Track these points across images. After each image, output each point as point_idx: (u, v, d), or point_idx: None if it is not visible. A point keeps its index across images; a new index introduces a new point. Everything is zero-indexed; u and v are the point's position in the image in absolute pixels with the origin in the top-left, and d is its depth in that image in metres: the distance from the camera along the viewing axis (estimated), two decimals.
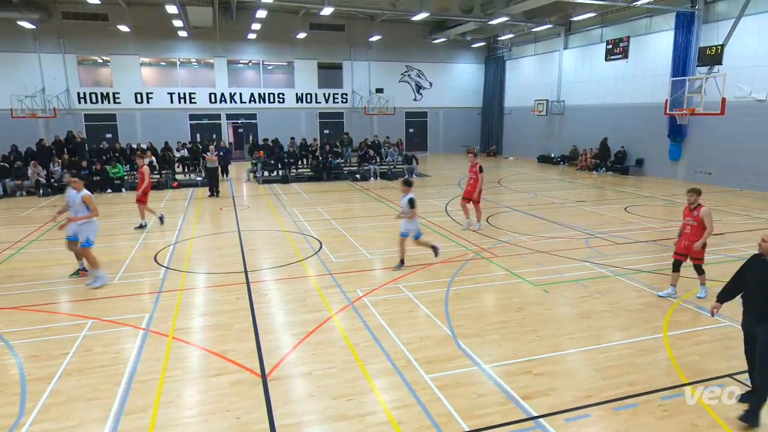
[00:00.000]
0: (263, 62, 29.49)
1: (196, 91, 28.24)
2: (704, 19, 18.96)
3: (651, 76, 21.27)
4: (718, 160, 18.99)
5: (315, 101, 30.22)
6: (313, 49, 29.35)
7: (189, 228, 12.74)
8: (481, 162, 12.84)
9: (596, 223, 12.83)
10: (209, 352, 6.09)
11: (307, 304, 7.58)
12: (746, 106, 17.60)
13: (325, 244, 10.90)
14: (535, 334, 6.53)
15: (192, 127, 28.30)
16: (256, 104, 29.22)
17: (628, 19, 22.48)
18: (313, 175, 21.64)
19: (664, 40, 20.53)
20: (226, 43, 27.75)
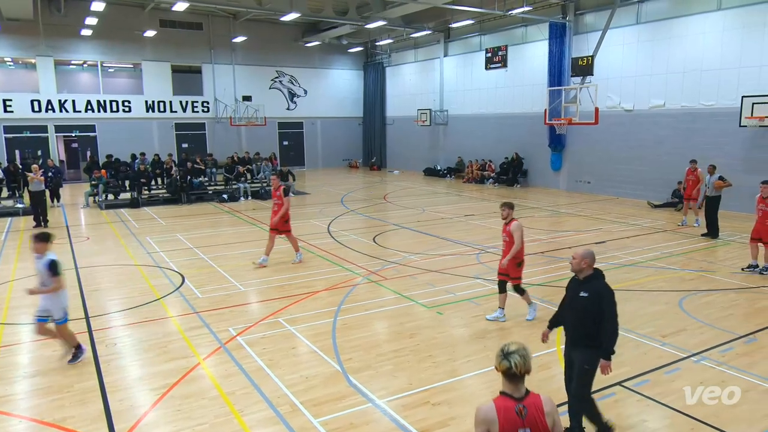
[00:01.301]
0: (102, 63, 27.56)
1: (12, 97, 25.46)
2: (575, 30, 21.48)
3: (530, 85, 23.49)
4: (596, 169, 21.44)
5: (170, 110, 28.81)
6: (165, 49, 28.05)
7: (7, 268, 11.33)
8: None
9: (486, 237, 13.72)
10: (40, 423, 5.42)
11: (169, 350, 7.11)
12: (617, 116, 20.16)
13: (189, 278, 10.35)
14: (431, 360, 6.76)
15: (8, 142, 25.37)
16: (95, 113, 27.09)
17: (505, 28, 24.69)
18: (170, 197, 20.51)
19: (540, 50, 22.85)
20: (52, 39, 25.43)
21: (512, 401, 2.97)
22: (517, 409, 2.95)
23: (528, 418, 2.95)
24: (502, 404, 2.97)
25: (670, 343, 7.14)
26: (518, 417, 2.94)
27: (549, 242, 13.23)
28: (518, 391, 2.99)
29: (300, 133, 33.22)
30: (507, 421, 2.93)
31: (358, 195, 22.35)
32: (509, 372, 2.98)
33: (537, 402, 3.00)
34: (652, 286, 9.69)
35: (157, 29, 27.09)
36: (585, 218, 16.46)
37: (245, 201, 21.00)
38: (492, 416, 2.94)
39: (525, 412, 2.95)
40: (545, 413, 2.99)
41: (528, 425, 2.95)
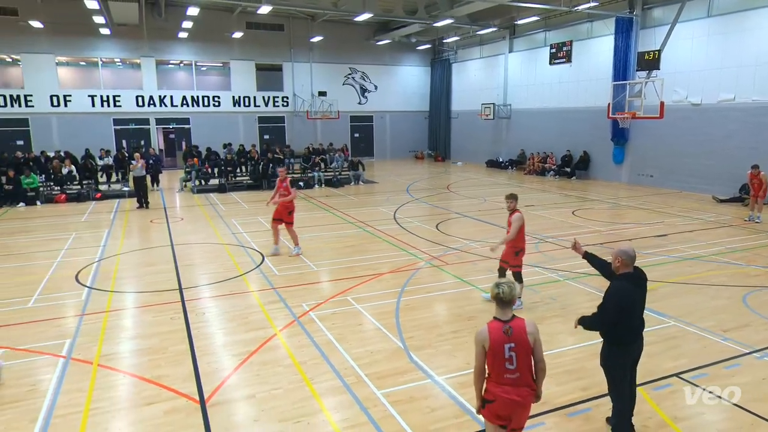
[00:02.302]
0: (196, 63, 28.77)
1: (121, 93, 27.10)
2: (642, 24, 20.24)
3: (594, 80, 22.42)
4: (659, 163, 20.24)
5: (254, 104, 29.75)
6: (250, 49, 28.92)
7: (115, 243, 12.16)
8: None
9: (545, 228, 13.32)
10: (140, 378, 5.82)
11: (249, 321, 7.41)
12: (683, 110, 18.89)
13: (268, 257, 10.70)
14: None
15: (117, 133, 27.11)
16: (189, 108, 28.41)
17: (570, 24, 23.63)
18: (252, 184, 21.25)
19: (605, 45, 21.72)
20: (154, 41, 26.84)
21: (500, 323, 3.68)
22: (504, 329, 3.65)
23: (513, 335, 3.65)
24: (493, 325, 3.68)
25: (732, 338, 6.68)
26: (504, 335, 3.64)
27: (608, 234, 12.66)
28: (505, 315, 3.70)
29: (370, 126, 33.39)
30: (496, 337, 3.64)
31: (423, 185, 22.26)
32: (498, 297, 3.67)
33: (521, 324, 3.70)
34: (715, 280, 9.08)
35: (243, 31, 27.97)
36: (646, 211, 15.62)
37: (319, 188, 21.41)
38: (485, 335, 3.67)
39: (510, 331, 3.65)
40: (527, 333, 3.68)
41: (513, 341, 3.64)
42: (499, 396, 3.72)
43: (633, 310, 4.37)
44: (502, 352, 3.64)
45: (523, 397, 3.72)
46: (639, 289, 4.42)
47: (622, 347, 4.45)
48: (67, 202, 18.08)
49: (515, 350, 3.65)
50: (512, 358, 3.65)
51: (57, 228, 13.94)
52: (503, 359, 3.65)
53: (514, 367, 3.68)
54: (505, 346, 3.63)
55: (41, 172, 19.29)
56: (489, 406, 3.79)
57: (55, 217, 15.55)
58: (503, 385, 3.70)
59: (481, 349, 3.70)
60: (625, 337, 4.43)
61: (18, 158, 19.84)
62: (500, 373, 3.69)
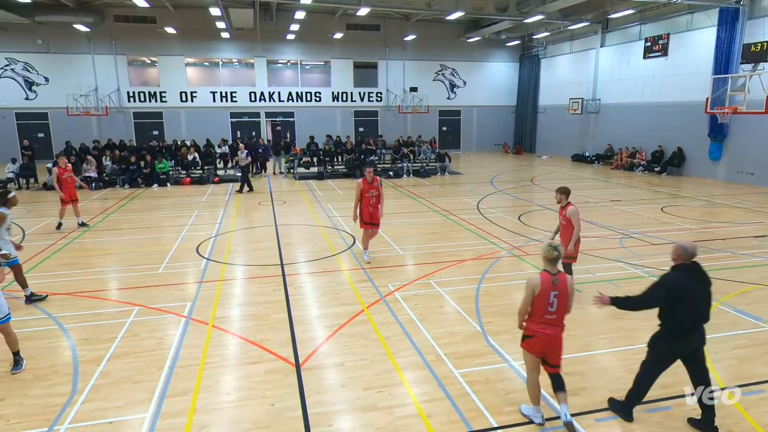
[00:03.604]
0: (301, 62, 29.79)
1: (237, 90, 28.80)
2: (749, 14, 18.04)
3: (691, 74, 20.42)
4: (761, 160, 18.08)
5: (350, 100, 30.35)
6: (349, 48, 29.46)
7: (228, 221, 13.03)
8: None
9: (631, 223, 12.44)
10: (246, 340, 6.23)
11: (340, 297, 7.65)
12: None
13: (358, 240, 10.93)
14: (566, 333, 6.32)
15: (233, 125, 28.89)
16: (294, 103, 29.58)
17: (668, 16, 21.63)
18: (347, 172, 21.75)
19: (705, 37, 19.66)
20: (266, 43, 28.19)
21: (550, 275, 4.36)
22: (553, 279, 4.35)
23: (558, 285, 4.35)
24: (545, 275, 4.36)
25: None
26: (552, 284, 4.33)
27: (700, 232, 11.57)
28: (554, 269, 4.38)
29: (457, 120, 32.86)
30: (546, 285, 4.32)
31: (507, 177, 21.61)
32: (555, 258, 4.34)
33: (564, 278, 4.39)
34: None
35: (343, 32, 28.53)
36: (744, 210, 14.05)
37: (407, 178, 21.46)
38: (537, 281, 4.34)
39: (557, 281, 4.35)
40: (568, 285, 4.38)
41: (557, 289, 4.34)
42: (538, 332, 4.41)
43: (682, 299, 4.29)
44: (547, 298, 4.33)
45: (556, 333, 4.44)
46: (694, 282, 4.33)
47: (673, 337, 4.39)
48: (191, 185, 19.66)
49: (558, 297, 4.34)
50: (554, 303, 4.35)
51: (182, 207, 15.19)
52: (547, 303, 4.34)
53: (554, 310, 4.37)
54: (551, 293, 4.32)
55: (171, 158, 21.09)
56: (528, 341, 4.48)
57: (181, 197, 16.95)
58: (542, 324, 4.40)
59: (531, 292, 4.35)
60: (677, 327, 4.36)
61: (153, 146, 21.86)
62: (542, 314, 4.38)
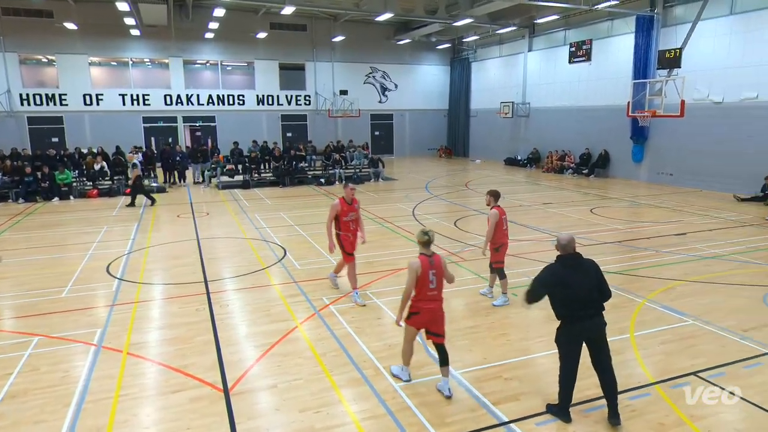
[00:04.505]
0: (222, 63, 29.05)
1: (150, 92, 27.53)
2: (663, 22, 19.79)
3: (613, 79, 22.02)
4: (679, 162, 19.81)
5: (277, 103, 29.95)
6: (274, 49, 29.10)
7: (143, 237, 12.38)
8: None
9: (563, 225, 13.16)
10: (167, 367, 5.93)
11: (271, 314, 7.49)
12: (704, 108, 18.44)
13: (289, 251, 10.79)
14: (505, 338, 6.64)
15: (146, 131, 27.56)
16: (215, 106, 28.74)
17: (590, 22, 23.24)
18: (275, 180, 21.41)
19: (625, 43, 21.31)
20: (181, 42, 27.20)
21: (427, 257, 5.22)
22: (429, 260, 5.20)
23: (435, 264, 5.22)
24: (423, 258, 5.20)
25: (751, 338, 6.53)
26: (429, 264, 5.19)
27: (626, 232, 12.46)
28: (429, 251, 5.27)
29: (390, 124, 33.35)
30: (425, 266, 5.16)
31: (442, 182, 22.17)
32: (428, 241, 5.25)
33: (438, 258, 5.28)
34: (735, 279, 8.87)
35: (267, 31, 28.14)
36: (665, 210, 15.32)
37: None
38: (418, 265, 5.15)
39: (433, 261, 5.22)
40: (442, 263, 5.29)
41: (434, 268, 5.20)
42: (423, 308, 5.23)
43: (560, 288, 4.68)
44: (427, 277, 5.17)
45: (438, 306, 5.29)
46: (570, 271, 4.69)
47: (566, 325, 4.77)
48: (98, 197, 18.48)
49: (436, 275, 5.22)
50: (433, 280, 5.21)
51: (89, 222, 14.26)
52: (428, 281, 5.18)
53: (434, 286, 5.23)
54: (430, 272, 5.17)
55: (75, 168, 19.72)
56: (414, 317, 5.28)
57: (87, 211, 15.90)
58: (425, 300, 5.22)
59: (414, 275, 5.13)
60: (565, 315, 4.74)
61: (51, 155, 20.32)
62: (425, 292, 5.20)
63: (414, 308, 5.26)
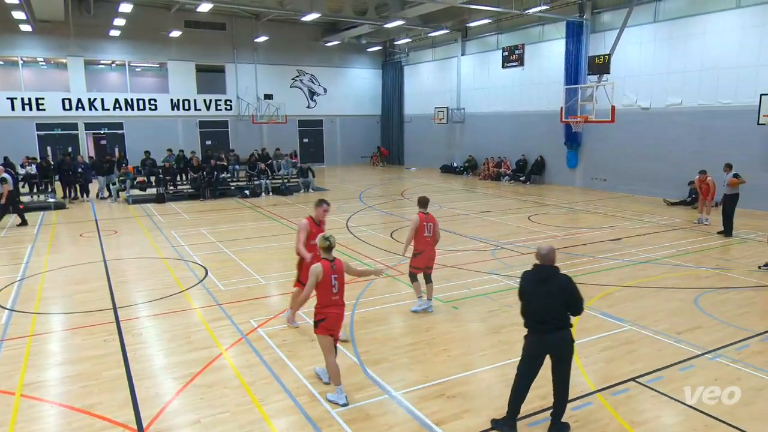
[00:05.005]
0: (130, 63, 27.91)
1: (45, 95, 25.92)
2: (592, 28, 21.17)
3: (546, 84, 23.22)
4: (612, 167, 21.14)
5: (194, 108, 29.12)
6: (190, 49, 28.31)
7: (39, 260, 11.56)
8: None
9: (502, 234, 13.63)
10: (70, 408, 5.53)
11: (192, 341, 7.20)
12: (633, 114, 19.84)
13: (212, 271, 10.46)
14: (446, 354, 6.75)
15: (41, 139, 25.85)
16: (123, 111, 27.50)
17: (522, 27, 24.43)
18: (194, 193, 20.73)
19: (556, 48, 22.56)
20: (82, 40, 25.84)
21: (329, 261, 5.45)
22: (331, 265, 5.45)
23: (336, 269, 5.48)
24: (325, 263, 5.43)
25: (685, 340, 7.03)
26: (331, 269, 5.44)
27: (564, 239, 13.09)
28: (330, 256, 5.51)
29: (320, 131, 33.30)
30: (327, 270, 5.40)
31: (376, 191, 22.35)
32: (329, 246, 5.49)
33: (340, 262, 5.56)
34: (668, 283, 9.55)
35: (182, 30, 27.36)
36: (601, 215, 16.26)
37: (266, 197, 21.12)
38: (320, 269, 5.38)
39: (335, 266, 5.47)
40: (344, 267, 5.60)
41: (336, 273, 5.47)
42: (329, 313, 5.47)
43: (523, 298, 4.96)
44: (330, 281, 5.41)
45: (341, 311, 5.60)
46: (536, 283, 4.87)
47: (527, 335, 4.99)
48: None
49: (338, 279, 5.48)
50: (336, 285, 5.46)
51: None
52: (330, 286, 5.43)
53: (337, 291, 5.48)
54: (332, 277, 5.42)
55: None
56: (322, 324, 5.47)
57: None
58: (330, 306, 5.45)
59: (315, 279, 5.37)
60: (528, 326, 4.97)
61: None
62: (329, 297, 5.45)
63: (320, 315, 5.49)
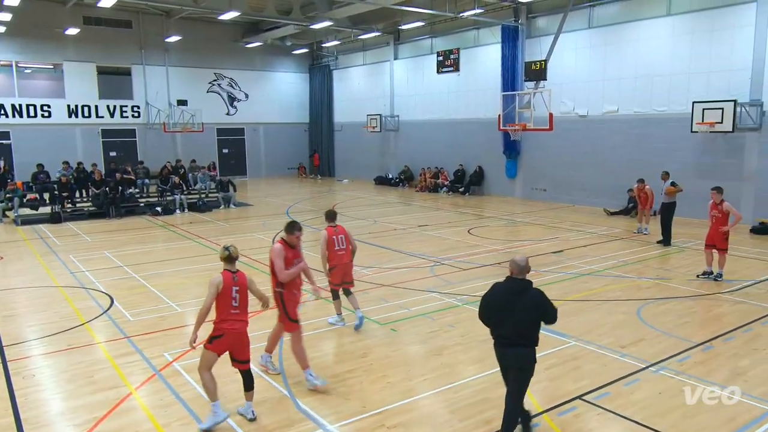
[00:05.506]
0: (18, 64, 26.47)
1: None
2: (528, 33, 22.16)
3: (483, 90, 24.01)
4: (551, 177, 22.10)
5: (96, 115, 27.93)
6: (90, 49, 27.22)
7: None
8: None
9: (441, 249, 13.88)
10: None
11: (96, 380, 6.83)
12: (571, 122, 20.87)
13: (118, 299, 9.99)
14: (385, 381, 6.75)
15: None
16: (9, 119, 25.97)
17: (456, 31, 25.21)
18: (96, 211, 19.80)
19: (493, 54, 23.43)
20: None
21: (231, 273, 5.60)
22: (233, 277, 5.58)
23: (238, 281, 5.60)
24: (226, 274, 5.57)
25: (629, 354, 7.40)
26: (233, 280, 5.56)
27: (505, 252, 13.50)
28: (233, 267, 5.67)
29: (241, 140, 32.79)
30: (227, 282, 5.51)
31: (305, 206, 22.20)
32: (229, 257, 5.65)
33: (242, 275, 5.68)
34: (611, 295, 10.04)
35: (80, 27, 26.24)
36: (542, 227, 16.91)
37: (181, 214, 20.52)
38: (219, 279, 5.49)
39: (237, 278, 5.60)
40: (248, 281, 5.69)
41: (238, 285, 5.58)
42: (227, 330, 5.49)
43: (488, 309, 5.22)
44: (230, 293, 5.48)
45: (242, 328, 5.62)
46: (505, 295, 5.10)
47: (495, 348, 5.25)
48: None
49: (239, 292, 5.56)
50: (237, 298, 5.54)
51: None
52: (231, 299, 5.49)
53: (238, 305, 5.55)
54: (232, 289, 5.51)
55: None
56: (217, 341, 5.53)
57: None
58: (229, 321, 5.49)
59: (215, 290, 5.42)
60: (494, 337, 5.23)
61: None
62: (228, 310, 5.49)
63: (217, 331, 5.50)
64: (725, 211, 10.49)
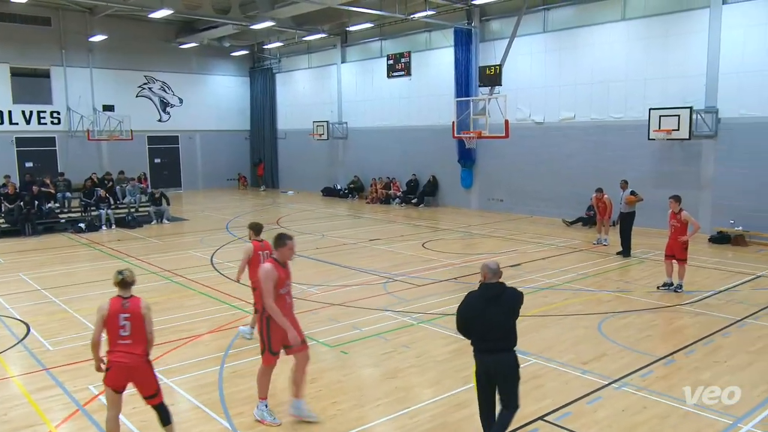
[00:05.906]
0: None
1: None
2: (481, 37, 22.68)
3: (436, 96, 24.35)
4: (508, 186, 22.57)
5: (9, 122, 26.92)
6: (2, 48, 26.36)
7: None
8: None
9: (394, 264, 13.94)
10: None
11: (10, 419, 6.52)
12: (528, 129, 21.41)
13: (35, 327, 9.59)
14: (336, 408, 6.69)
15: None
16: None
17: (407, 33, 25.56)
18: (9, 229, 19.01)
19: (446, 57, 23.83)
20: None
21: (121, 299, 5.35)
22: (123, 303, 5.32)
23: (129, 308, 5.30)
24: (114, 299, 5.35)
25: (591, 371, 7.58)
26: (122, 306, 5.30)
27: (461, 267, 13.66)
28: (127, 293, 5.40)
29: (175, 149, 32.18)
30: (114, 308, 5.28)
31: (247, 220, 21.84)
32: (123, 281, 5.38)
33: (137, 301, 5.39)
34: (571, 309, 10.28)
35: None
36: (499, 239, 17.22)
37: (107, 230, 19.93)
38: (105, 306, 5.30)
39: (127, 304, 5.32)
40: (141, 308, 5.36)
41: (128, 312, 5.29)
42: (114, 363, 5.27)
43: (471, 318, 5.34)
44: (117, 321, 5.26)
45: (135, 362, 5.27)
46: (486, 301, 5.32)
47: (475, 357, 5.41)
48: None
49: (130, 320, 5.28)
50: (126, 326, 5.27)
51: None
52: (118, 327, 5.26)
53: (128, 334, 5.28)
54: (120, 316, 5.27)
55: None
56: (107, 374, 5.32)
57: None
58: (117, 353, 5.27)
59: (100, 318, 5.29)
60: (476, 347, 5.39)
61: None
62: (116, 340, 5.28)
63: (108, 363, 5.36)
64: (684, 220, 10.94)
